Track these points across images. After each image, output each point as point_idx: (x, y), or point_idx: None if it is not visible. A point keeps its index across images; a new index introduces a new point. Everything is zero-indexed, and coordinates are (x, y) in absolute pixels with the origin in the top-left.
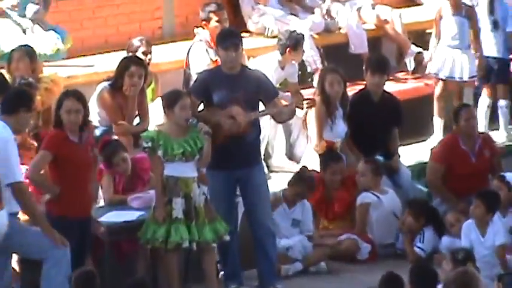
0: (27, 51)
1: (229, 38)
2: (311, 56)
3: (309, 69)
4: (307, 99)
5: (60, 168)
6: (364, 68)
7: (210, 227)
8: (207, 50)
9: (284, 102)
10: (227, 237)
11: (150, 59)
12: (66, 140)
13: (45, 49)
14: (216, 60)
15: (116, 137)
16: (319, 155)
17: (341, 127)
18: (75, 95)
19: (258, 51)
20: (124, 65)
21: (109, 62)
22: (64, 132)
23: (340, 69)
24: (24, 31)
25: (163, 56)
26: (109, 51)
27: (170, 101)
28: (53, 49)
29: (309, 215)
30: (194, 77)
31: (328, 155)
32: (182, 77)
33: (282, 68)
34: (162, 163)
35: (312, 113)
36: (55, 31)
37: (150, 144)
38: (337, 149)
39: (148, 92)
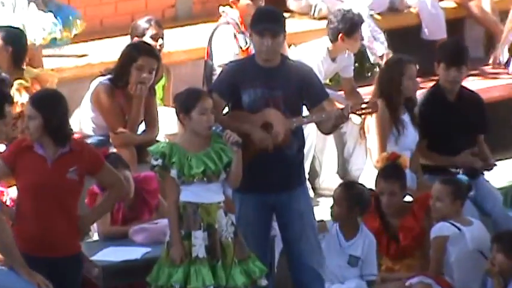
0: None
1: (267, 20)
2: (370, 43)
3: (372, 60)
4: (366, 102)
5: (17, 187)
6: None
7: (241, 268)
8: (235, 35)
9: (339, 105)
10: (264, 282)
11: (161, 46)
12: (27, 151)
13: (33, 35)
14: (247, 49)
15: (114, 150)
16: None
17: (410, 137)
18: (32, 99)
19: (302, 37)
20: (130, 55)
21: (106, 51)
22: (29, 141)
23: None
24: (13, 9)
25: (178, 43)
26: (106, 37)
27: (186, 103)
28: (44, 38)
29: (372, 252)
30: (218, 70)
31: (382, 170)
32: (202, 70)
33: (333, 60)
34: (177, 186)
35: (372, 119)
36: (58, 13)
37: (160, 161)
38: (402, 163)
39: (158, 89)
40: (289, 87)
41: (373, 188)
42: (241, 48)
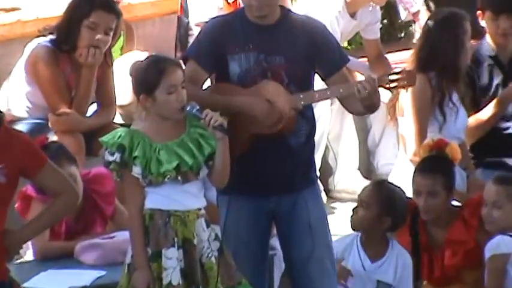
0: None
1: None
2: None
3: (403, 17)
4: (399, 72)
5: None
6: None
7: None
8: None
9: (360, 77)
10: None
11: None
12: None
13: None
14: (235, 2)
15: (55, 137)
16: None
17: (460, 123)
18: None
19: None
20: (79, 9)
21: (43, 3)
22: None
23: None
24: None
25: None
26: None
27: (147, 79)
28: None
29: (408, 277)
30: (195, 30)
31: (422, 162)
32: (174, 29)
33: (353, 15)
34: (142, 188)
35: (407, 96)
36: None
37: (118, 156)
38: (452, 154)
39: (114, 53)
40: (294, 51)
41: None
42: (226, 0)
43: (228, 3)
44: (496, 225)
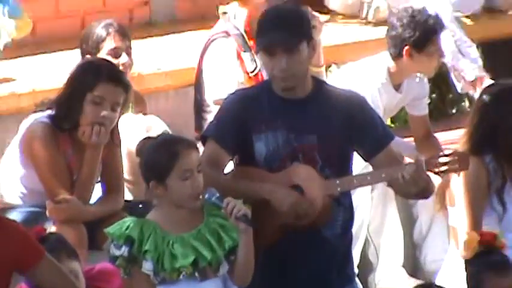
0: None
1: (275, 27)
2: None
3: (458, 88)
4: (449, 154)
5: None
6: None
7: None
8: (239, 53)
9: (408, 160)
10: None
11: (125, 65)
12: None
13: None
14: (257, 74)
15: (53, 228)
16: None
17: None
18: None
19: (347, 52)
20: (83, 80)
21: (41, 73)
22: None
23: None
24: None
25: (153, 61)
26: (41, 52)
27: (158, 165)
28: None
29: None
30: (213, 108)
31: (481, 260)
32: (191, 104)
33: (397, 88)
34: (153, 286)
35: (459, 182)
36: None
37: (125, 250)
38: (500, 246)
39: None
40: (328, 129)
41: None
42: (247, 73)
43: (249, 77)
44: None
